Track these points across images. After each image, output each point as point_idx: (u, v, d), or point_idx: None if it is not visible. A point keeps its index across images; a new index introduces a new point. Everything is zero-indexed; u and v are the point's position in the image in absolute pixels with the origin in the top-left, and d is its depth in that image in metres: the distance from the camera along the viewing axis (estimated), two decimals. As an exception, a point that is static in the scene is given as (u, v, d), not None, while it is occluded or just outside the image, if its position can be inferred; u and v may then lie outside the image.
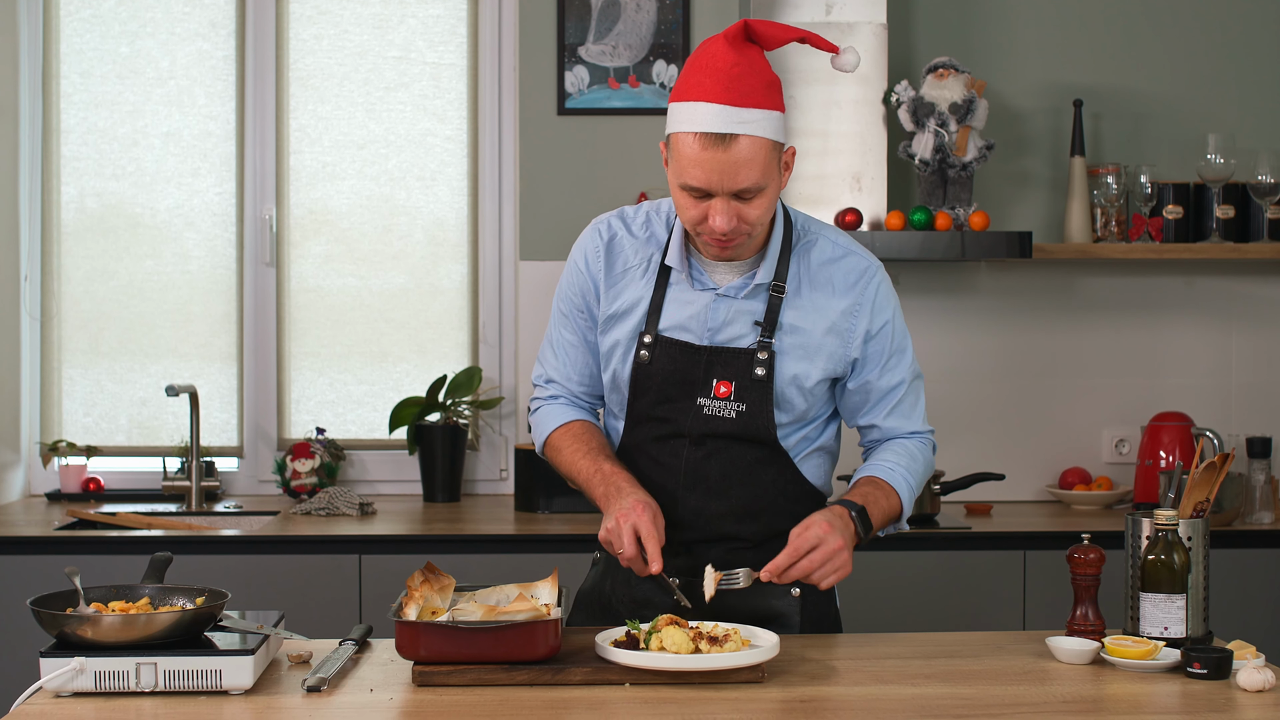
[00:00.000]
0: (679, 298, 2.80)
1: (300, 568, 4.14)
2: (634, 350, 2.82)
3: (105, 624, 2.39)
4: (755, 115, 2.58)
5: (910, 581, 4.20)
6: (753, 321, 2.77)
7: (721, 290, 2.78)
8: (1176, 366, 4.88)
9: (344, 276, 4.93)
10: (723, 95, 2.57)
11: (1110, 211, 4.70)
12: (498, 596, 2.69)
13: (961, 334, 4.80)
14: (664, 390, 2.80)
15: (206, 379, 4.91)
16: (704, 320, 2.78)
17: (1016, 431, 4.87)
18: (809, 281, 2.79)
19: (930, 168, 4.54)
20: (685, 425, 2.79)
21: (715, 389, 2.77)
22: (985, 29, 4.84)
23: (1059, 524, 4.42)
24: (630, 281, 2.84)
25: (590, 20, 4.81)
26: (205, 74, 4.90)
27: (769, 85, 2.61)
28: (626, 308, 2.84)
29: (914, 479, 2.83)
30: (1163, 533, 2.68)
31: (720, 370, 2.77)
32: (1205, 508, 2.78)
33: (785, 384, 2.77)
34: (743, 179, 2.58)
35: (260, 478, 4.92)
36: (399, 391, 4.92)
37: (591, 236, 2.89)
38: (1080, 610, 2.73)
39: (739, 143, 2.56)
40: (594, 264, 2.87)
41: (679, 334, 2.79)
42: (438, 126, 4.92)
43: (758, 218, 2.64)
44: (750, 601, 2.79)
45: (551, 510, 4.51)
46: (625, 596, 2.89)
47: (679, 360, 2.79)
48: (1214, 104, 4.86)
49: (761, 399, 2.76)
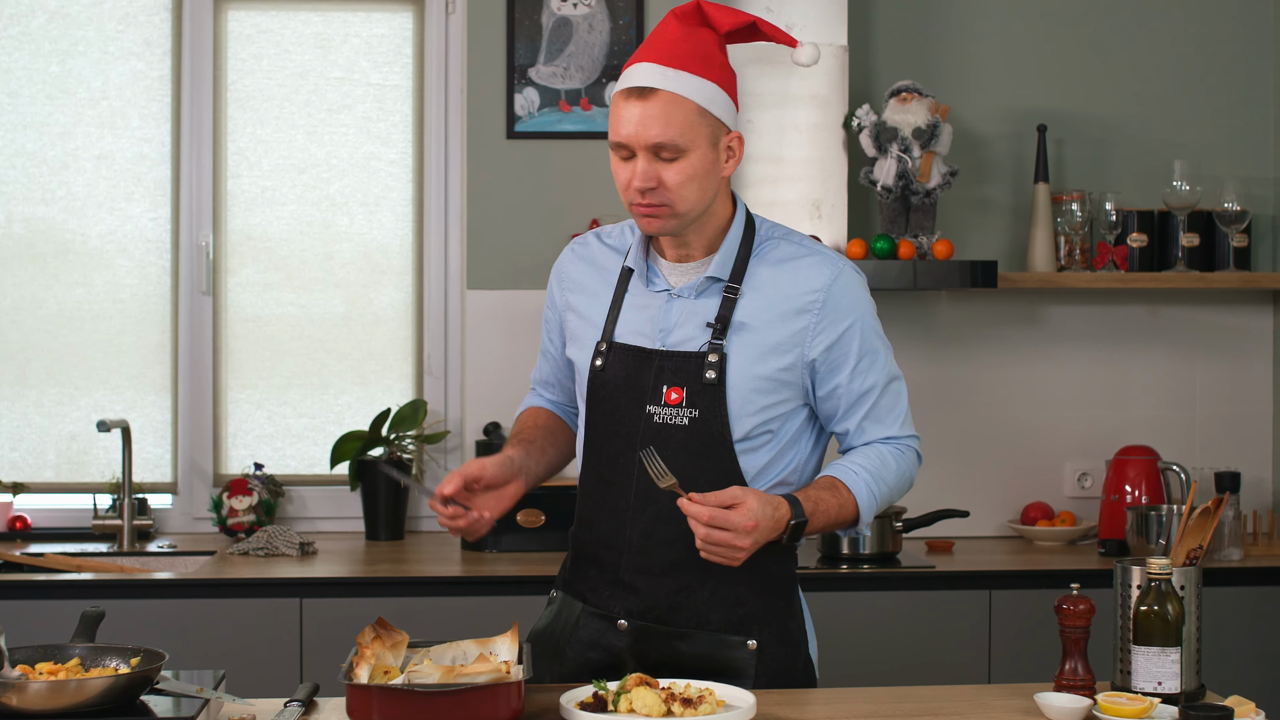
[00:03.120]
0: (635, 302, 2.74)
1: (238, 612, 3.98)
2: (591, 360, 2.74)
3: (32, 691, 2.21)
4: (683, 77, 2.58)
5: (873, 622, 4.08)
6: (704, 323, 2.66)
7: (675, 291, 2.70)
8: (1141, 398, 4.80)
9: (283, 305, 4.77)
10: (655, 57, 2.59)
11: (1074, 239, 4.62)
12: (454, 654, 2.53)
13: (922, 365, 4.69)
14: (615, 399, 2.70)
15: (139, 412, 4.74)
16: (657, 322, 2.69)
17: (978, 465, 4.77)
18: (765, 280, 2.69)
19: (893, 194, 4.42)
20: (636, 437, 2.66)
21: (666, 395, 2.65)
22: (948, 52, 4.75)
23: (1023, 562, 4.32)
24: (595, 290, 2.79)
25: (541, 41, 4.67)
26: (139, 95, 4.74)
27: (708, 58, 2.62)
28: (590, 316, 2.78)
29: (880, 486, 2.69)
30: (1155, 582, 2.55)
31: (671, 375, 2.66)
32: (1199, 555, 2.66)
33: (738, 388, 2.64)
34: (656, 133, 2.56)
35: (196, 515, 4.74)
36: (340, 425, 4.76)
37: (567, 253, 2.90)
38: (1070, 664, 2.59)
39: (658, 95, 2.56)
40: (565, 278, 2.86)
41: (633, 338, 2.71)
42: (382, 150, 4.78)
43: (677, 184, 2.59)
44: (707, 652, 2.66)
45: (500, 549, 4.37)
46: (573, 638, 2.74)
47: (630, 366, 2.69)
48: (1179, 130, 4.80)
49: (714, 404, 2.63)
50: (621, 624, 2.67)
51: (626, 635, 2.67)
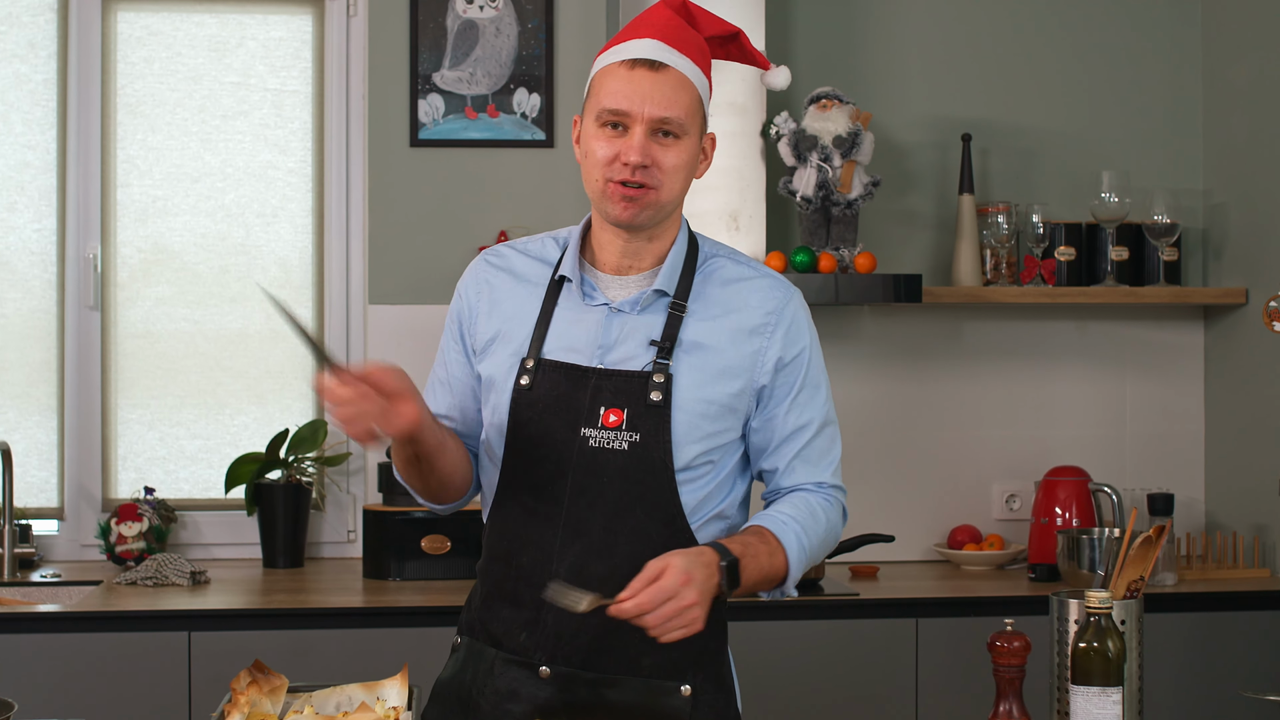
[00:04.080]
0: (568, 315, 2.51)
1: (123, 647, 3.75)
2: (514, 378, 2.50)
3: None
4: (686, 62, 2.47)
5: (796, 652, 3.91)
6: (648, 340, 2.46)
7: (615, 305, 2.49)
8: (1070, 416, 4.68)
9: (176, 321, 4.56)
10: (659, 35, 2.47)
11: (1001, 253, 4.50)
12: (338, 700, 2.33)
13: (844, 383, 4.54)
14: (544, 421, 2.46)
15: (23, 433, 4.51)
16: (594, 338, 2.48)
17: (902, 486, 4.63)
18: (715, 300, 2.51)
19: (813, 205, 4.27)
20: (568, 463, 2.44)
21: (604, 417, 2.43)
22: (868, 59, 4.62)
23: (950, 588, 4.18)
24: (517, 302, 2.56)
25: (446, 45, 4.49)
26: (22, 99, 4.52)
27: (703, 53, 2.52)
28: (509, 329, 2.54)
29: (809, 539, 2.48)
30: (1094, 617, 2.38)
31: (609, 396, 2.44)
32: (1140, 587, 2.50)
33: (685, 411, 2.44)
34: (666, 106, 2.42)
35: (84, 542, 4.51)
36: (237, 446, 4.54)
37: (479, 263, 2.65)
38: (1004, 705, 2.42)
39: (669, 71, 2.44)
40: (474, 291, 2.61)
41: (566, 355, 2.48)
42: (280, 158, 4.58)
43: (671, 168, 2.44)
44: (638, 700, 2.45)
45: (403, 577, 4.18)
46: (488, 688, 2.50)
47: (563, 385, 2.46)
48: (1107, 141, 4.70)
49: (657, 428, 2.42)
50: (544, 671, 2.45)
51: (549, 684, 2.45)
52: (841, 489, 2.60)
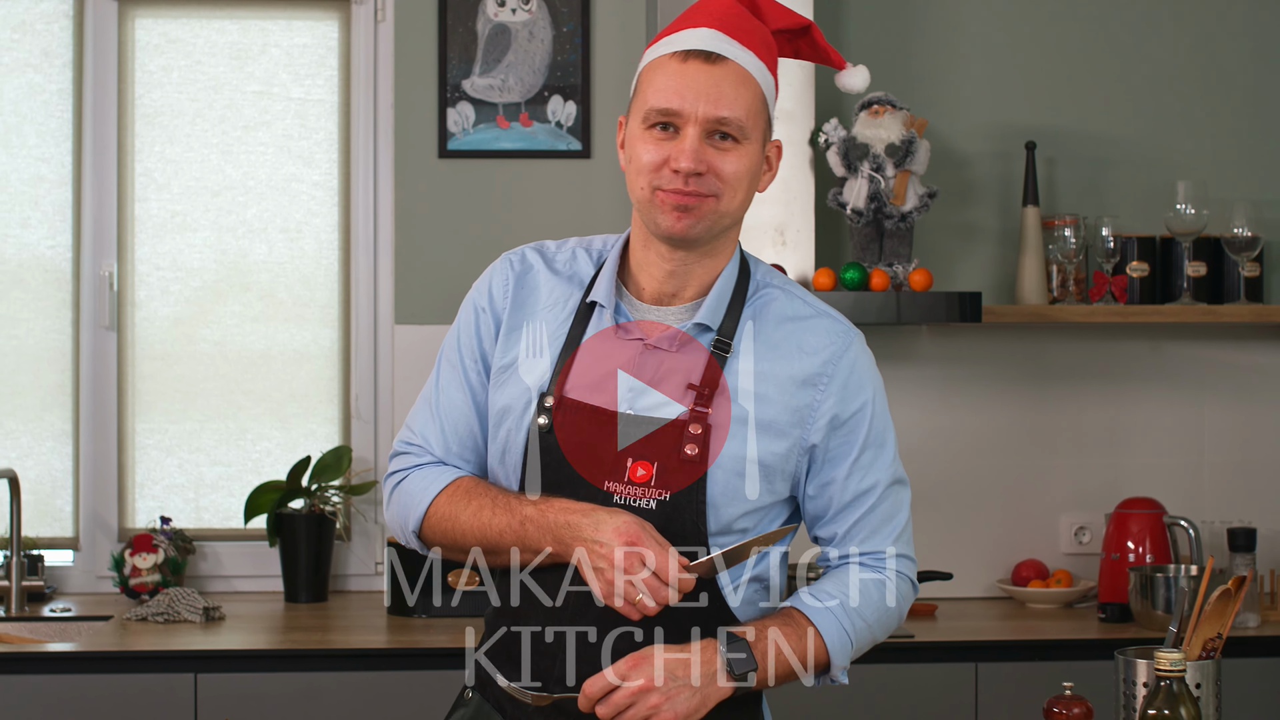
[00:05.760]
0: (598, 349, 2.23)
1: (125, 689, 3.59)
2: (530, 415, 2.23)
3: None
4: (749, 55, 2.20)
5: (843, 698, 3.68)
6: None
7: (652, 341, 2.21)
8: (1143, 444, 4.48)
9: (196, 342, 4.40)
10: (716, 24, 2.21)
11: (1068, 269, 4.32)
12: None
13: (898, 408, 4.26)
14: (563, 471, 2.19)
15: (36, 459, 4.35)
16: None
17: (963, 518, 4.43)
18: (764, 340, 2.24)
19: (864, 218, 4.07)
20: None
21: (630, 470, 2.17)
22: (926, 62, 4.44)
23: (1014, 629, 3.98)
24: (539, 326, 2.28)
25: (476, 51, 4.30)
26: (36, 110, 4.39)
27: (768, 45, 2.25)
28: (530, 359, 2.27)
29: (857, 621, 2.23)
30: (1165, 681, 2.11)
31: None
32: (1217, 646, 2.22)
33: (723, 469, 2.18)
34: (724, 104, 2.16)
35: (99, 574, 4.34)
36: (259, 474, 4.37)
37: (502, 268, 2.35)
38: (1063, 779, 2.16)
39: (728, 65, 2.18)
40: (500, 300, 2.31)
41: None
42: (304, 171, 4.41)
43: (730, 176, 2.17)
44: None
45: (429, 614, 4.01)
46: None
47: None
48: (1183, 149, 4.50)
49: (691, 486, 2.17)
50: None
51: None
52: (909, 558, 2.34)
